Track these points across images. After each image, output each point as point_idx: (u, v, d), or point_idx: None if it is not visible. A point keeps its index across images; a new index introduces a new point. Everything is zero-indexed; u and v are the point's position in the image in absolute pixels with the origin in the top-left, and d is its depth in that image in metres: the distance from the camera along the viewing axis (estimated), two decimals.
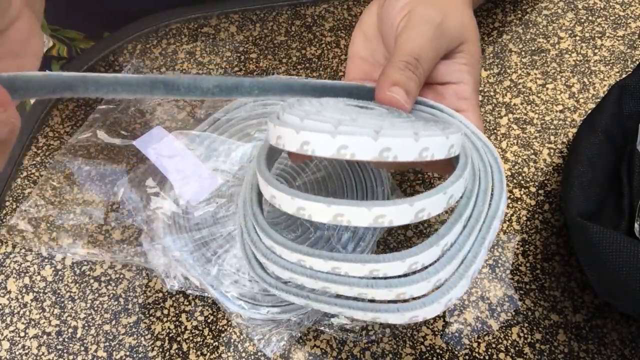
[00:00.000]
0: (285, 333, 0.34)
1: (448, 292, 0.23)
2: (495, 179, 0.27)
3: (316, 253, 0.24)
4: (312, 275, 0.24)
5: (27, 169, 0.42)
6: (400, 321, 0.24)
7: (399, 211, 0.21)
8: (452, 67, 0.32)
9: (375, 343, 0.35)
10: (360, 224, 0.22)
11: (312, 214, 0.22)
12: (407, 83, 0.28)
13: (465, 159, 0.25)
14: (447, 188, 0.23)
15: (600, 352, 0.34)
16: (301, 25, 0.48)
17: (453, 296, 0.23)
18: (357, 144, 0.21)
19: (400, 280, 0.23)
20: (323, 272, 0.24)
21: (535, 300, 0.36)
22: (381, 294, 0.23)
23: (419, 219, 0.22)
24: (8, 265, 0.38)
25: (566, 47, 0.46)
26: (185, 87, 0.25)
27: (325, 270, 0.24)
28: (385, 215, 0.21)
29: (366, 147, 0.21)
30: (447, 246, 0.24)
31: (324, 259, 0.24)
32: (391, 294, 0.23)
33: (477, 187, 0.26)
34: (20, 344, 0.36)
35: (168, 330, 0.36)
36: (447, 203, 0.23)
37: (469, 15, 0.33)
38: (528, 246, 0.38)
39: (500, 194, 0.26)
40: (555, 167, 0.41)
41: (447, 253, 0.24)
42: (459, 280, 0.23)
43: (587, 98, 0.43)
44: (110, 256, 0.38)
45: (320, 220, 0.22)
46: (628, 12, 0.47)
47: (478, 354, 0.34)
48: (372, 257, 0.23)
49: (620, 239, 0.29)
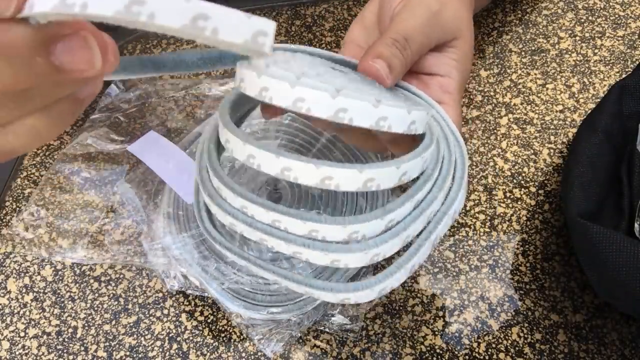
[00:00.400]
0: (286, 333, 0.34)
1: (383, 281, 0.23)
2: (457, 175, 0.26)
3: (259, 201, 0.23)
4: (251, 224, 0.24)
5: (27, 169, 0.42)
6: (332, 300, 0.23)
7: (346, 176, 0.21)
8: (442, 60, 0.32)
9: (375, 343, 0.35)
10: (306, 182, 0.21)
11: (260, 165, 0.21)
12: (392, 59, 0.28)
13: (430, 140, 0.25)
14: (402, 163, 0.22)
15: (600, 352, 0.34)
16: (301, 25, 0.48)
17: (387, 286, 0.23)
18: (313, 98, 0.20)
19: (337, 246, 0.22)
20: (263, 223, 0.23)
21: (535, 300, 0.36)
22: (315, 256, 0.22)
23: (367, 188, 0.21)
24: (8, 265, 0.38)
25: (566, 47, 0.46)
26: (171, 63, 0.25)
27: (265, 222, 0.23)
28: (333, 178, 0.21)
29: (322, 104, 0.20)
30: (393, 223, 0.23)
31: (266, 208, 0.23)
32: (326, 259, 0.22)
33: (437, 173, 0.25)
34: (20, 344, 0.36)
35: (168, 330, 0.36)
36: (400, 179, 0.23)
37: (466, 13, 0.33)
38: (528, 246, 0.38)
39: (458, 191, 0.26)
40: (555, 167, 0.41)
41: (392, 229, 0.23)
42: (397, 270, 0.23)
43: (587, 98, 0.43)
44: (111, 256, 0.38)
45: (269, 170, 0.21)
46: (628, 12, 0.47)
47: (478, 354, 0.34)
48: (314, 217, 0.22)
49: (620, 239, 0.29)
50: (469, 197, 0.40)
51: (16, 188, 0.41)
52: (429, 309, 0.36)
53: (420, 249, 0.24)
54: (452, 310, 0.36)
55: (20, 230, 0.39)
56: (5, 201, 0.41)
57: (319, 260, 0.23)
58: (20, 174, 0.42)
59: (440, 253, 0.38)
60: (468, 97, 0.44)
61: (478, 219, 0.39)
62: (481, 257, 0.37)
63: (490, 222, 0.39)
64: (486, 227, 0.38)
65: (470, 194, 0.40)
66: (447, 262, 0.37)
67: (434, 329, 0.35)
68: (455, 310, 0.36)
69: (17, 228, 0.39)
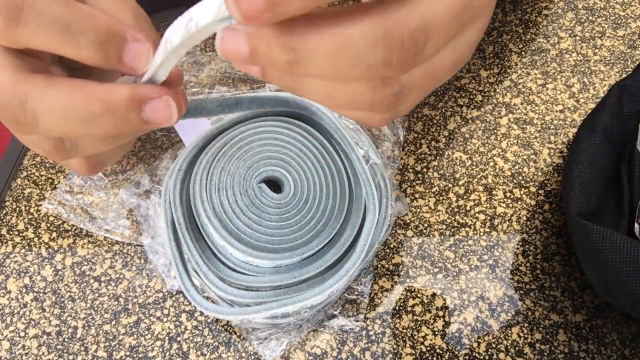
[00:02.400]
0: (285, 338, 0.34)
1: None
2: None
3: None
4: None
5: (27, 169, 0.42)
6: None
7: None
8: None
9: (375, 343, 0.35)
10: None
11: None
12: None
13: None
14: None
15: (600, 352, 0.34)
16: None
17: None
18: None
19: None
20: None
21: (535, 300, 0.36)
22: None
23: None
24: (8, 265, 0.38)
25: (566, 47, 0.46)
26: (193, 110, 0.30)
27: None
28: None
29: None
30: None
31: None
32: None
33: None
34: (20, 344, 0.36)
35: (168, 330, 0.36)
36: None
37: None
38: (528, 246, 0.38)
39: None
40: (555, 167, 0.41)
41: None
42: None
43: (587, 98, 0.43)
44: (111, 256, 0.38)
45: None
46: (628, 12, 0.47)
47: (478, 354, 0.34)
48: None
49: (620, 239, 0.29)
50: (469, 197, 0.40)
51: (16, 188, 0.41)
52: (429, 309, 0.36)
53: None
54: (452, 310, 0.36)
55: (20, 228, 0.39)
56: (5, 201, 0.41)
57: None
58: (20, 174, 0.42)
59: (441, 253, 0.38)
60: (468, 97, 0.44)
61: (478, 219, 0.39)
62: (481, 257, 0.37)
63: (490, 222, 0.39)
64: (486, 227, 0.38)
65: (471, 194, 0.40)
66: (447, 262, 0.37)
67: (434, 329, 0.35)
68: (455, 310, 0.36)
69: (18, 227, 0.39)
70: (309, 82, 0.18)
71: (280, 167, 0.35)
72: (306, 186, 0.34)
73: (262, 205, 0.34)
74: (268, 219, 0.33)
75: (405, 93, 0.18)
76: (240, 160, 0.35)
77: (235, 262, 0.33)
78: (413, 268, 0.37)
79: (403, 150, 0.42)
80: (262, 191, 0.34)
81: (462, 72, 0.45)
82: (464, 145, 0.42)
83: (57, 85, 0.20)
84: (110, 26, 0.20)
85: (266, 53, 0.16)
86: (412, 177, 0.41)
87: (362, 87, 0.17)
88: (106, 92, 0.20)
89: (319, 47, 0.16)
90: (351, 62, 0.16)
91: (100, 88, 0.20)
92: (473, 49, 0.20)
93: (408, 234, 0.38)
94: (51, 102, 0.20)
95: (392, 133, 0.41)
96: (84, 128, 0.20)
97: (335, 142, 0.37)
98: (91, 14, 0.20)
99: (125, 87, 0.20)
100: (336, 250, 0.33)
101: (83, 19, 0.20)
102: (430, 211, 0.39)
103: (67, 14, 0.19)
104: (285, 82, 0.18)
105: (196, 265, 0.32)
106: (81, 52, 0.20)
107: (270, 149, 0.35)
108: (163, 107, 0.21)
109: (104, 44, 0.20)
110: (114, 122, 0.20)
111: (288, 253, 0.32)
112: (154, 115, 0.21)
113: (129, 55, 0.21)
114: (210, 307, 0.31)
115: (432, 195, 0.40)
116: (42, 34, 0.19)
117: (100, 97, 0.20)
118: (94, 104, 0.20)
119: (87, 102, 0.20)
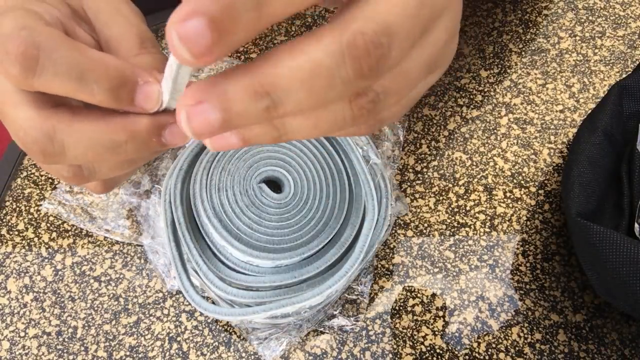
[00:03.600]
0: (284, 337, 0.34)
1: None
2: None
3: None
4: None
5: (27, 169, 0.42)
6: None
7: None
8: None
9: (375, 343, 0.35)
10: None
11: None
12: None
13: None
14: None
15: (600, 352, 0.34)
16: (301, 25, 0.48)
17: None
18: None
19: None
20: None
21: (535, 300, 0.36)
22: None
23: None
24: (8, 265, 0.38)
25: (566, 47, 0.46)
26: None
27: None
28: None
29: None
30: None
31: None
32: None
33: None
34: (20, 344, 0.36)
35: (168, 330, 0.36)
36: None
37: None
38: (528, 246, 0.38)
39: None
40: (555, 167, 0.41)
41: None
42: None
43: (587, 98, 0.43)
44: (111, 256, 0.38)
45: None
46: (628, 12, 0.47)
47: (478, 354, 0.34)
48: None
49: (620, 239, 0.29)
50: (469, 197, 0.40)
51: (16, 188, 0.41)
52: (429, 309, 0.36)
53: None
54: (452, 310, 0.36)
55: (20, 228, 0.39)
56: (5, 201, 0.41)
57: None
58: (20, 174, 0.42)
59: (441, 253, 0.38)
60: (468, 97, 0.44)
61: (478, 219, 0.39)
62: (481, 257, 0.37)
63: (490, 222, 0.39)
64: (486, 227, 0.38)
65: (471, 194, 0.40)
66: (447, 262, 0.37)
67: (434, 329, 0.35)
68: (455, 310, 0.36)
69: (17, 227, 0.39)
70: (291, 122, 0.18)
71: (280, 167, 0.35)
72: (306, 186, 0.34)
73: (262, 205, 0.34)
74: (268, 219, 0.33)
75: (381, 99, 0.18)
76: (241, 160, 0.35)
77: (235, 262, 0.33)
78: (413, 268, 0.37)
79: (403, 150, 0.42)
80: (262, 191, 0.34)
81: (462, 72, 0.45)
82: (464, 145, 0.42)
83: (82, 118, 0.21)
84: (122, 71, 0.21)
85: (240, 108, 0.16)
86: (412, 177, 0.41)
87: (339, 106, 0.17)
88: (129, 122, 0.22)
89: (292, 80, 0.15)
90: (327, 84, 0.16)
91: (123, 119, 0.22)
92: (450, 44, 0.20)
93: (408, 234, 0.38)
94: (79, 134, 0.21)
95: (392, 133, 0.41)
96: (109, 155, 0.22)
97: (335, 142, 0.37)
98: (103, 60, 0.21)
99: (146, 116, 0.22)
100: (336, 250, 0.33)
101: (96, 67, 0.20)
102: (430, 211, 0.39)
103: (81, 63, 0.20)
104: (267, 135, 0.18)
105: (196, 265, 0.32)
106: (95, 97, 0.21)
107: (271, 149, 0.35)
108: (180, 131, 0.22)
109: (116, 89, 0.21)
110: (136, 148, 0.22)
111: (288, 253, 0.32)
112: (172, 138, 0.22)
113: (140, 97, 0.22)
114: (209, 308, 0.31)
115: (432, 195, 0.40)
116: (57, 82, 0.20)
117: (124, 127, 0.21)
118: (119, 133, 0.21)
119: (112, 133, 0.21)
